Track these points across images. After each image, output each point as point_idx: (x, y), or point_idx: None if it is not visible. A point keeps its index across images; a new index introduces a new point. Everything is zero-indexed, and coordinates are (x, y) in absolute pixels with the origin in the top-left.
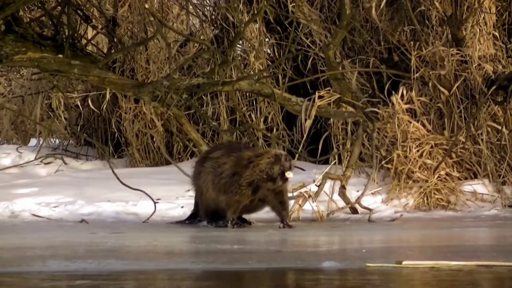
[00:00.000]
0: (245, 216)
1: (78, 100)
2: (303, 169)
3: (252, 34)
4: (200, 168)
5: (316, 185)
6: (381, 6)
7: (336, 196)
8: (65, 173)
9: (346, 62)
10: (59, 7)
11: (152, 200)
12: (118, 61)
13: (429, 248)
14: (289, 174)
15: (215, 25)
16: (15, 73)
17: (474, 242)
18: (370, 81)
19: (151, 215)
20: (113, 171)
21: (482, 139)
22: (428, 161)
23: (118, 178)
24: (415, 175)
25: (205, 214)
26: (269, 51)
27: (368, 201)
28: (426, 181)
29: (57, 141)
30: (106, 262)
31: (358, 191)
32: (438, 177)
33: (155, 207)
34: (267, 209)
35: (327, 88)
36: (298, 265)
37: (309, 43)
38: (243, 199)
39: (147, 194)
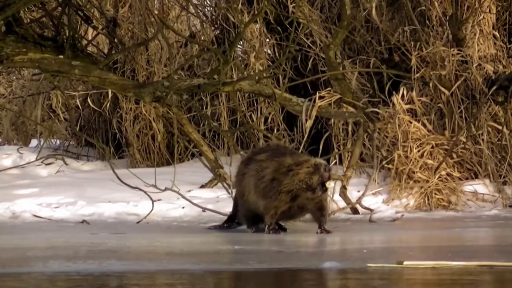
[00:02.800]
0: (282, 223)
1: (78, 101)
2: None
3: (253, 35)
4: (244, 170)
5: None
6: (382, 7)
7: (337, 196)
8: (66, 174)
9: (347, 63)
10: (59, 7)
11: (150, 198)
12: (119, 62)
13: (430, 248)
14: (329, 184)
15: (216, 26)
16: (15, 73)
17: (475, 242)
18: (371, 82)
19: (148, 214)
20: (113, 171)
21: (482, 139)
22: (429, 161)
23: (118, 177)
24: (416, 175)
25: (244, 216)
26: (269, 52)
27: (369, 201)
28: (427, 181)
29: (58, 141)
30: (107, 263)
31: (359, 191)
32: (439, 177)
33: (153, 206)
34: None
35: (328, 89)
36: (299, 266)
37: (310, 44)
38: (281, 205)
39: (145, 192)
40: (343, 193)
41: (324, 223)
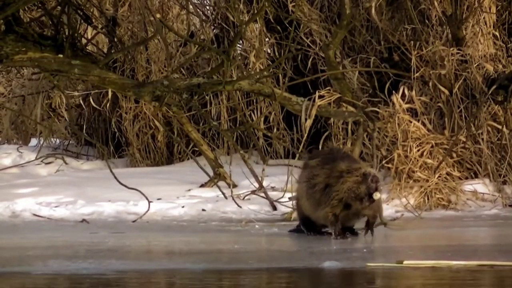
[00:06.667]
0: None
1: (78, 100)
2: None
3: (252, 34)
4: (301, 174)
5: None
6: (381, 6)
7: None
8: (66, 173)
9: (346, 62)
10: (59, 7)
11: (147, 198)
12: (118, 61)
13: (429, 247)
14: (376, 196)
15: (215, 25)
16: (15, 72)
17: (474, 241)
18: (371, 81)
19: (144, 214)
20: (110, 170)
21: (482, 139)
22: (429, 161)
23: (115, 177)
24: (416, 174)
25: (299, 217)
26: (269, 51)
27: None
28: (427, 180)
29: (58, 141)
30: (107, 262)
31: None
32: (439, 176)
33: (149, 206)
34: (267, 208)
35: (328, 88)
36: (298, 265)
37: (309, 43)
38: (335, 210)
39: (142, 193)
40: None
41: (371, 226)
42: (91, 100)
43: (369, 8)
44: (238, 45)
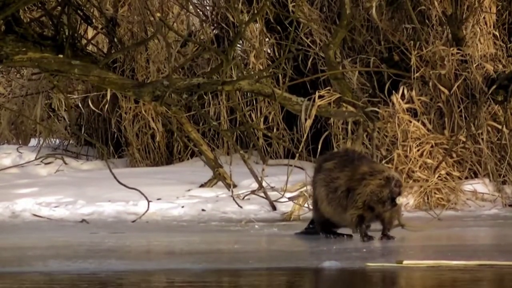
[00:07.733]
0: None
1: (78, 100)
2: (303, 169)
3: (252, 34)
4: (316, 177)
5: None
6: (381, 6)
7: None
8: (66, 173)
9: (346, 62)
10: (59, 7)
11: (146, 198)
12: (118, 61)
13: (429, 247)
14: (399, 200)
15: (215, 25)
16: (15, 73)
17: (474, 241)
18: (371, 81)
19: (144, 214)
20: (110, 170)
21: (482, 139)
22: (429, 161)
23: (115, 177)
24: (416, 174)
25: (317, 222)
26: (269, 51)
27: None
28: (427, 180)
29: (57, 141)
30: (107, 262)
31: None
32: (439, 176)
33: (148, 206)
34: (267, 208)
35: (327, 88)
36: (298, 265)
37: (309, 43)
38: (360, 212)
39: (142, 193)
40: None
41: (388, 230)
42: (89, 100)
43: (369, 8)
44: (238, 45)
